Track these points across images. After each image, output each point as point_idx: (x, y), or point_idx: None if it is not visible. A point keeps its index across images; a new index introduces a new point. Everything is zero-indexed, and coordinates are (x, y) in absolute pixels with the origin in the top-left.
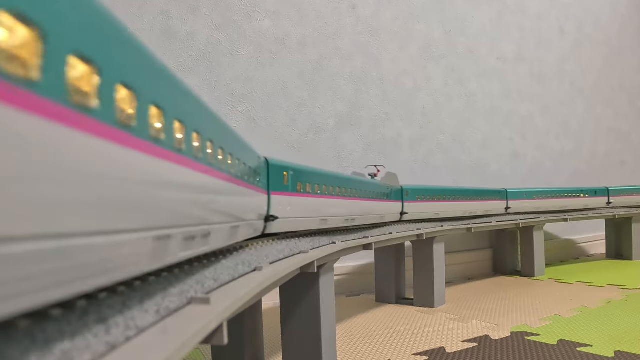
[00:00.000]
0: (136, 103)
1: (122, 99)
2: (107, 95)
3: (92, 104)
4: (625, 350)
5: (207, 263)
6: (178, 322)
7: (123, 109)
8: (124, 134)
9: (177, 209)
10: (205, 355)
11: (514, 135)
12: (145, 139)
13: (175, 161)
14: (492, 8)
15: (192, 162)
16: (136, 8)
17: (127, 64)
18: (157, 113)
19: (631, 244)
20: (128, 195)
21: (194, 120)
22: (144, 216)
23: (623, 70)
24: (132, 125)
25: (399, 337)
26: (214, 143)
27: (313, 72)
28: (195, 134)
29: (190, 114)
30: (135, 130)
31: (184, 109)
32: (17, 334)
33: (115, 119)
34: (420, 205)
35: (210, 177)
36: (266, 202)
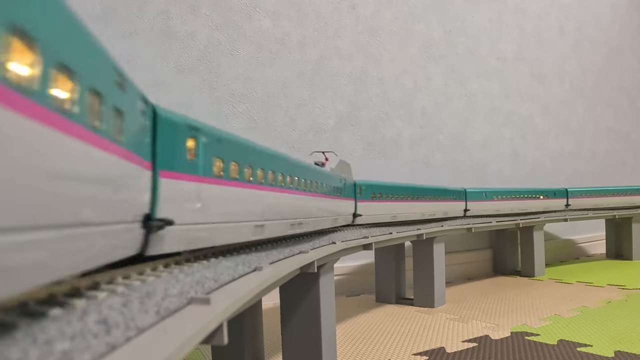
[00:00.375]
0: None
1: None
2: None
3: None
4: (625, 350)
5: (207, 263)
6: (178, 322)
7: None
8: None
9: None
10: (205, 355)
11: (514, 135)
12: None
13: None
14: (492, 8)
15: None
16: (136, 8)
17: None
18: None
19: (631, 244)
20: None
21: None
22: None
23: (623, 70)
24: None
25: (399, 337)
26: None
27: (313, 72)
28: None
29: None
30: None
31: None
32: (17, 334)
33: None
34: (375, 206)
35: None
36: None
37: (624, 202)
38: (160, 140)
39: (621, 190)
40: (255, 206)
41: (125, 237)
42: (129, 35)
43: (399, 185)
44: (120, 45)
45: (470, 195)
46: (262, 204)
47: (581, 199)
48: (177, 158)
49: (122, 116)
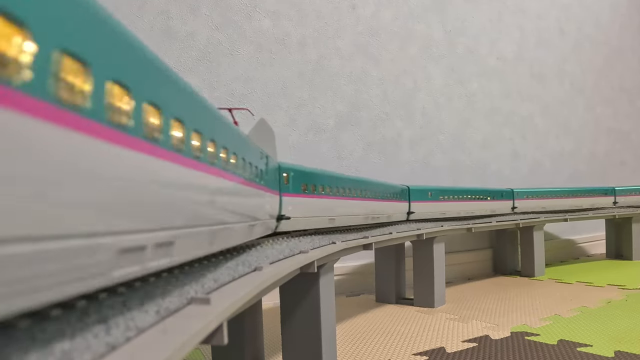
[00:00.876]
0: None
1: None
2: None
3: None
4: (625, 350)
5: (207, 263)
6: (178, 322)
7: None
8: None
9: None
10: (205, 355)
11: (514, 135)
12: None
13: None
14: (492, 8)
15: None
16: (136, 8)
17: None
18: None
19: (631, 244)
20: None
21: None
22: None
23: (623, 70)
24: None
25: (399, 337)
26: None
27: (313, 72)
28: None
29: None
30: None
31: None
32: (17, 334)
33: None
34: (309, 204)
35: None
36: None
37: (591, 204)
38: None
39: (570, 191)
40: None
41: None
42: None
43: (342, 177)
44: None
45: (413, 194)
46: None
47: (526, 201)
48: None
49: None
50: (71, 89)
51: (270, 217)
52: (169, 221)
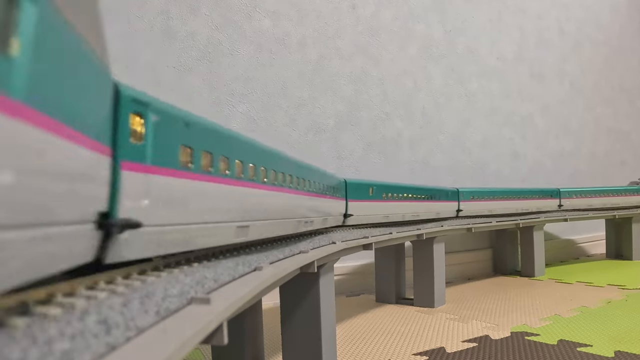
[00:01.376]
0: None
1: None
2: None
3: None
4: (625, 350)
5: (207, 263)
6: (178, 322)
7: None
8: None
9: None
10: (205, 355)
11: (514, 135)
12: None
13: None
14: (492, 8)
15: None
16: (136, 8)
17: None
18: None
19: (631, 244)
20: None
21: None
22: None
23: (623, 70)
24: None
25: (399, 337)
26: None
27: (313, 72)
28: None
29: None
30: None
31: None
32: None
33: None
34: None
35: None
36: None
37: (528, 207)
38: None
39: (517, 192)
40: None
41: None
42: (129, 35)
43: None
44: (120, 45)
45: (350, 190)
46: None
47: (472, 202)
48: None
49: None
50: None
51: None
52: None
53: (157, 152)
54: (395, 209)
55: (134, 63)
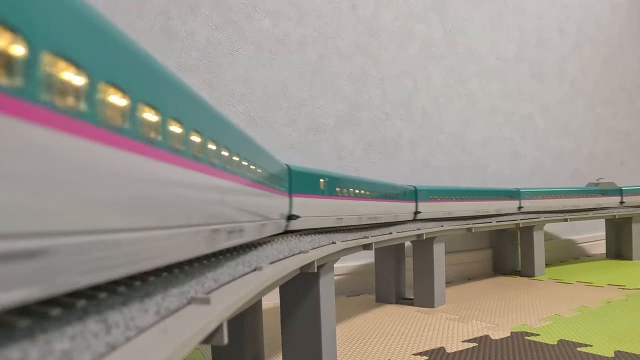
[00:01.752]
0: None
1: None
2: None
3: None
4: (625, 350)
5: (207, 263)
6: (178, 322)
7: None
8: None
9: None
10: (205, 355)
11: (514, 135)
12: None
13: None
14: (492, 8)
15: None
16: (136, 8)
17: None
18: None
19: (631, 244)
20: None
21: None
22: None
23: (623, 70)
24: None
25: (399, 337)
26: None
27: (313, 72)
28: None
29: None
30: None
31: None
32: (17, 334)
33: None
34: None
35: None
36: None
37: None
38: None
39: (476, 192)
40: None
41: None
42: (129, 35)
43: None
44: None
45: (295, 182)
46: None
47: (431, 203)
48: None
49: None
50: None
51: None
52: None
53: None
54: (350, 209)
55: None
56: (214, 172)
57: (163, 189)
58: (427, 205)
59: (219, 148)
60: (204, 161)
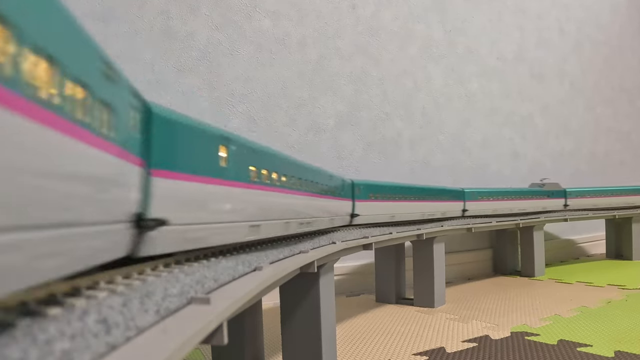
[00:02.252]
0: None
1: None
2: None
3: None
4: (625, 350)
5: (207, 263)
6: (178, 322)
7: None
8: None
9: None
10: (205, 355)
11: (514, 135)
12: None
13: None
14: (492, 8)
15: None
16: (136, 8)
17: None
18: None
19: (631, 244)
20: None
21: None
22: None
23: (623, 70)
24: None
25: (399, 337)
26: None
27: (313, 72)
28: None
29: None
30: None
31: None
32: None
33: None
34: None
35: None
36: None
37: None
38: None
39: (421, 191)
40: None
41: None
42: (129, 35)
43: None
44: (121, 45)
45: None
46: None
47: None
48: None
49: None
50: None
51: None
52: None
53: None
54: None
55: (134, 63)
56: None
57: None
58: (366, 206)
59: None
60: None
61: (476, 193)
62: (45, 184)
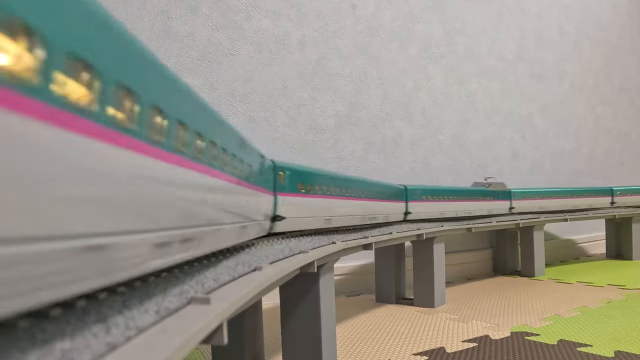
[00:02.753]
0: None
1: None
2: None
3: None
4: (625, 350)
5: (207, 263)
6: (178, 322)
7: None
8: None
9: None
10: (205, 355)
11: (514, 135)
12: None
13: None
14: (492, 8)
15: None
16: (136, 8)
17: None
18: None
19: (631, 244)
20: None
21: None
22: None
23: (623, 70)
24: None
25: (399, 337)
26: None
27: (313, 72)
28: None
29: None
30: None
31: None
32: (17, 334)
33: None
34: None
35: None
36: None
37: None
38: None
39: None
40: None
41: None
42: None
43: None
44: None
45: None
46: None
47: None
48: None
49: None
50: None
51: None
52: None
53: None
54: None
55: None
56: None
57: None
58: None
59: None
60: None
61: (420, 192)
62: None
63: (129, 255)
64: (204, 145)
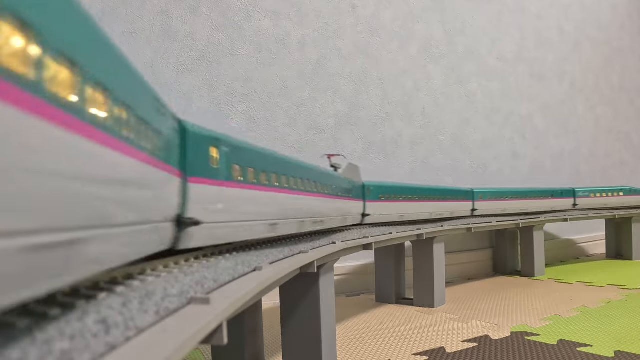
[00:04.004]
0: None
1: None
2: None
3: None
4: (625, 350)
5: (207, 263)
6: (178, 322)
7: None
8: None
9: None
10: (205, 355)
11: (514, 135)
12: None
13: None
14: (492, 8)
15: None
16: (136, 8)
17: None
18: None
19: (631, 244)
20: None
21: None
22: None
23: (623, 70)
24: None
25: (399, 337)
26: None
27: (313, 72)
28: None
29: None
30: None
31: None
32: (17, 334)
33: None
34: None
35: None
36: None
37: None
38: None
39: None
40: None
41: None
42: (129, 35)
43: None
44: (120, 45)
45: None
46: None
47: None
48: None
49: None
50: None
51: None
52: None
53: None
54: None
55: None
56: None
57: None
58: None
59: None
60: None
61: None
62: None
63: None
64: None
